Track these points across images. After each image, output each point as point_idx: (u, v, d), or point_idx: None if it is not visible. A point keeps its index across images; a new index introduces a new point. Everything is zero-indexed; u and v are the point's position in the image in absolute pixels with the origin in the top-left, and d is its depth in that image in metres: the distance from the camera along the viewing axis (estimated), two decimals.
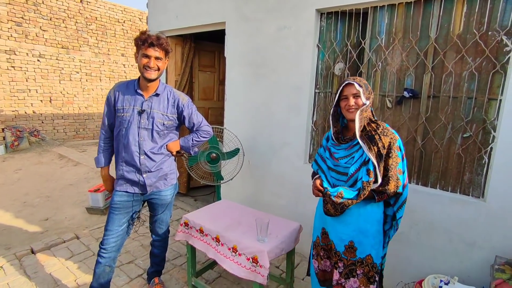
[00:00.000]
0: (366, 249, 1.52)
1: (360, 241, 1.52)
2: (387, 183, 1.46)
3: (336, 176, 1.58)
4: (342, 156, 1.56)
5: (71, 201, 4.21)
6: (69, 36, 7.80)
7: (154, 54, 1.73)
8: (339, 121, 1.63)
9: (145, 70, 1.75)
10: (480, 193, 2.00)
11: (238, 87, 3.14)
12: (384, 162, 1.46)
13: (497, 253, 1.87)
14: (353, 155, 1.51)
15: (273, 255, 1.79)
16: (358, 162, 1.48)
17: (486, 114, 1.95)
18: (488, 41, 1.90)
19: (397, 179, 1.46)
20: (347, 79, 1.51)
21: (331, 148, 1.63)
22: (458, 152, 2.06)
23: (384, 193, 1.46)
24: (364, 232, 1.52)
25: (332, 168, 1.60)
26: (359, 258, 1.53)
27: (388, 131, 1.48)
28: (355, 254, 1.53)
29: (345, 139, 1.56)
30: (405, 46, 2.21)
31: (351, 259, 1.54)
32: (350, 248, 1.54)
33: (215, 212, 2.28)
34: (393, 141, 1.46)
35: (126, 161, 1.86)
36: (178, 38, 3.99)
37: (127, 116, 1.82)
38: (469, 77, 1.98)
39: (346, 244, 1.55)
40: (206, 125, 2.05)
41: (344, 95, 1.51)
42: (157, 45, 1.73)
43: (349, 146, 1.54)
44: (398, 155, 1.47)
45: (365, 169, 1.45)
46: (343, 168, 1.54)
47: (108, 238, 1.88)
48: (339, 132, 1.61)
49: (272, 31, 2.79)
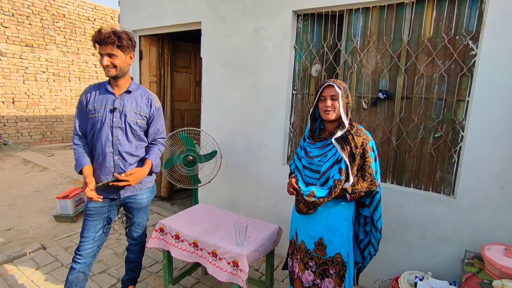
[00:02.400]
0: (335, 247, 1.55)
1: (329, 239, 1.55)
2: (357, 182, 1.50)
3: (310, 174, 1.61)
4: (316, 155, 1.59)
5: (37, 209, 3.95)
6: (34, 33, 7.35)
7: (104, 51, 1.70)
8: (316, 121, 1.68)
9: (104, 69, 1.74)
10: (450, 190, 2.08)
11: (215, 88, 3.08)
12: (357, 162, 1.50)
13: (467, 247, 1.96)
14: (326, 154, 1.54)
15: (252, 259, 1.77)
16: (330, 161, 1.51)
17: (455, 114, 2.03)
18: (456, 45, 1.98)
19: (371, 179, 1.50)
20: (328, 81, 1.54)
21: (306, 147, 1.66)
22: (430, 151, 2.13)
23: (356, 192, 1.50)
24: (333, 230, 1.55)
25: (307, 166, 1.63)
26: (330, 257, 1.56)
27: (361, 132, 1.53)
28: (325, 252, 1.56)
29: (320, 138, 1.60)
30: (379, 49, 2.26)
31: (322, 258, 1.57)
32: (320, 246, 1.57)
33: (193, 216, 2.22)
34: (366, 142, 1.51)
35: (100, 163, 1.80)
36: (153, 38, 3.87)
37: (99, 116, 1.77)
38: (439, 79, 2.06)
39: (315, 241, 1.58)
40: (165, 134, 2.06)
41: (323, 96, 1.54)
42: (105, 42, 1.68)
43: (324, 145, 1.58)
44: (371, 156, 1.51)
45: (337, 168, 1.48)
46: (316, 166, 1.57)
47: (84, 244, 1.83)
48: (314, 131, 1.67)
49: (249, 32, 2.77)
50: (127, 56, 1.78)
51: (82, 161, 1.80)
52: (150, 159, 1.89)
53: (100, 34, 1.67)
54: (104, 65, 1.71)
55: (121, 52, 1.73)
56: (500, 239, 1.85)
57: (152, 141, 1.98)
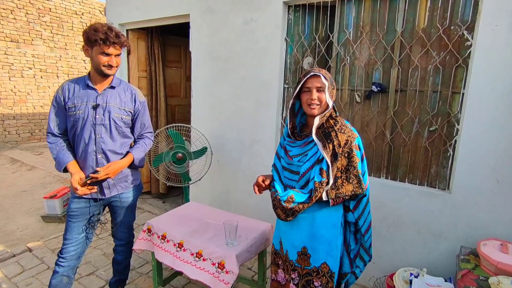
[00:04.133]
0: (321, 256, 1.39)
1: (314, 247, 1.39)
2: (342, 185, 1.33)
3: (289, 176, 1.45)
4: (296, 154, 1.42)
5: (24, 209, 3.84)
6: (19, 28, 7.12)
7: (115, 52, 1.66)
8: (297, 116, 1.48)
9: (105, 68, 1.66)
10: (445, 185, 2.04)
11: (205, 83, 3.00)
12: (341, 162, 1.33)
13: (462, 243, 1.92)
14: (306, 153, 1.38)
15: (243, 259, 1.71)
16: (311, 160, 1.34)
17: (450, 107, 1.98)
18: (451, 36, 1.92)
19: (357, 181, 1.33)
20: (312, 70, 1.35)
21: (286, 146, 1.48)
22: (425, 145, 2.08)
23: (339, 197, 1.33)
24: (318, 238, 1.38)
25: (286, 168, 1.46)
26: (314, 267, 1.39)
27: (346, 128, 1.36)
28: (309, 262, 1.40)
29: (301, 135, 1.44)
30: (372, 40, 2.20)
31: (306, 268, 1.41)
32: (303, 255, 1.41)
33: (182, 215, 2.16)
34: (351, 139, 1.33)
35: (83, 162, 1.73)
36: (141, 32, 3.75)
37: (79, 113, 1.68)
38: (434, 71, 2.00)
39: (299, 250, 1.42)
40: (151, 128, 2.01)
41: (307, 87, 1.35)
42: (118, 43, 1.64)
43: (304, 143, 1.41)
44: (357, 155, 1.34)
45: (318, 168, 1.31)
46: (296, 166, 1.40)
47: (67, 247, 1.77)
48: (295, 127, 1.47)
49: (238, 24, 2.68)
50: None
51: (63, 158, 1.69)
52: (132, 153, 1.82)
53: (109, 35, 1.60)
54: (112, 65, 1.66)
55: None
56: (496, 234, 1.82)
57: (139, 136, 1.92)
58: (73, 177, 1.66)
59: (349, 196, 1.34)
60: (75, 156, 1.74)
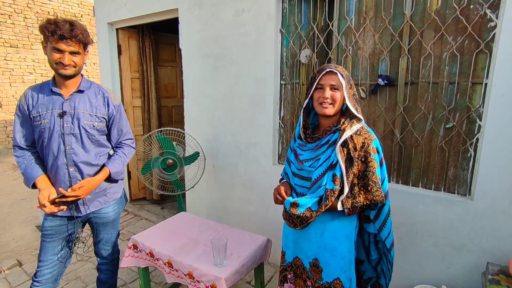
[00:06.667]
0: (334, 271, 1.29)
1: (326, 261, 1.30)
2: (358, 193, 1.20)
3: (300, 183, 1.34)
4: (307, 158, 1.32)
5: (22, 218, 3.75)
6: (18, 33, 7.05)
7: (68, 49, 1.43)
8: (309, 116, 1.37)
9: (58, 67, 1.45)
10: (466, 190, 1.78)
11: (197, 83, 2.79)
12: (357, 167, 1.20)
13: (487, 256, 1.68)
14: (319, 157, 1.27)
15: (232, 282, 1.53)
16: (324, 165, 1.23)
17: (470, 100, 1.72)
18: (470, 17, 1.65)
19: (377, 189, 1.20)
20: (328, 66, 1.23)
21: (297, 149, 1.39)
22: (441, 145, 1.83)
23: (356, 207, 1.20)
24: (331, 251, 1.28)
25: (296, 173, 1.35)
26: (326, 283, 1.30)
27: (363, 130, 1.24)
28: (321, 276, 1.31)
29: (313, 138, 1.31)
30: (377, 27, 1.94)
31: (318, 282, 1.32)
32: (315, 267, 1.33)
33: (170, 229, 1.97)
34: (368, 142, 1.21)
35: (54, 177, 1.55)
36: (132, 30, 3.56)
37: (45, 123, 1.50)
38: (450, 59, 1.74)
39: (310, 261, 1.34)
40: (131, 134, 1.80)
41: (320, 84, 1.24)
42: (70, 37, 1.40)
43: (316, 147, 1.30)
44: (375, 159, 1.22)
45: (331, 174, 1.20)
46: (307, 172, 1.30)
47: (41, 269, 1.61)
48: (308, 128, 1.36)
49: (229, 16, 2.45)
50: (85, 52, 1.53)
51: (32, 172, 1.51)
52: (108, 166, 1.62)
53: (60, 27, 1.38)
54: (64, 63, 1.43)
55: (83, 49, 1.50)
56: None
57: (117, 144, 1.73)
58: (41, 193, 1.47)
59: (367, 206, 1.23)
60: (45, 170, 1.57)
